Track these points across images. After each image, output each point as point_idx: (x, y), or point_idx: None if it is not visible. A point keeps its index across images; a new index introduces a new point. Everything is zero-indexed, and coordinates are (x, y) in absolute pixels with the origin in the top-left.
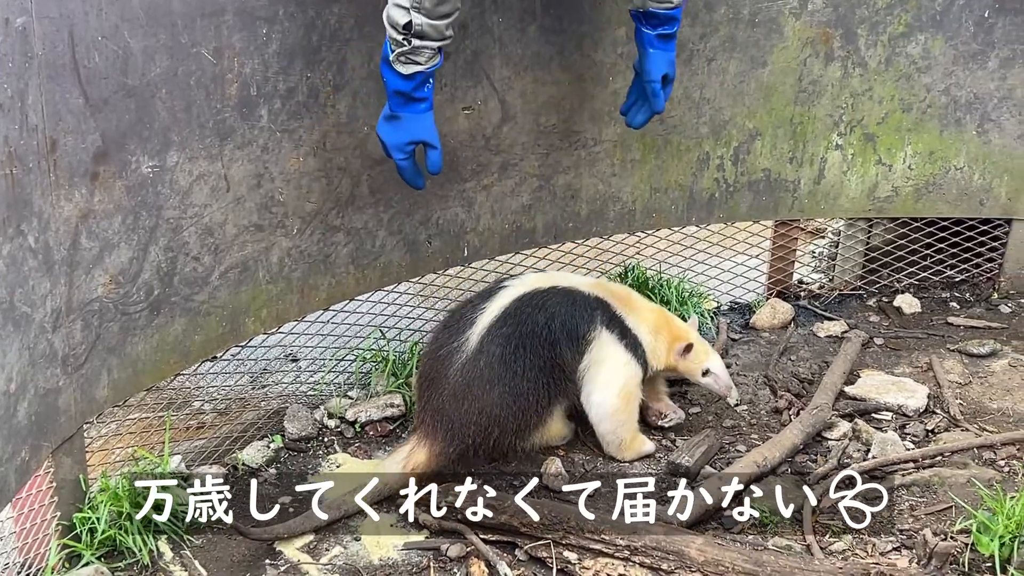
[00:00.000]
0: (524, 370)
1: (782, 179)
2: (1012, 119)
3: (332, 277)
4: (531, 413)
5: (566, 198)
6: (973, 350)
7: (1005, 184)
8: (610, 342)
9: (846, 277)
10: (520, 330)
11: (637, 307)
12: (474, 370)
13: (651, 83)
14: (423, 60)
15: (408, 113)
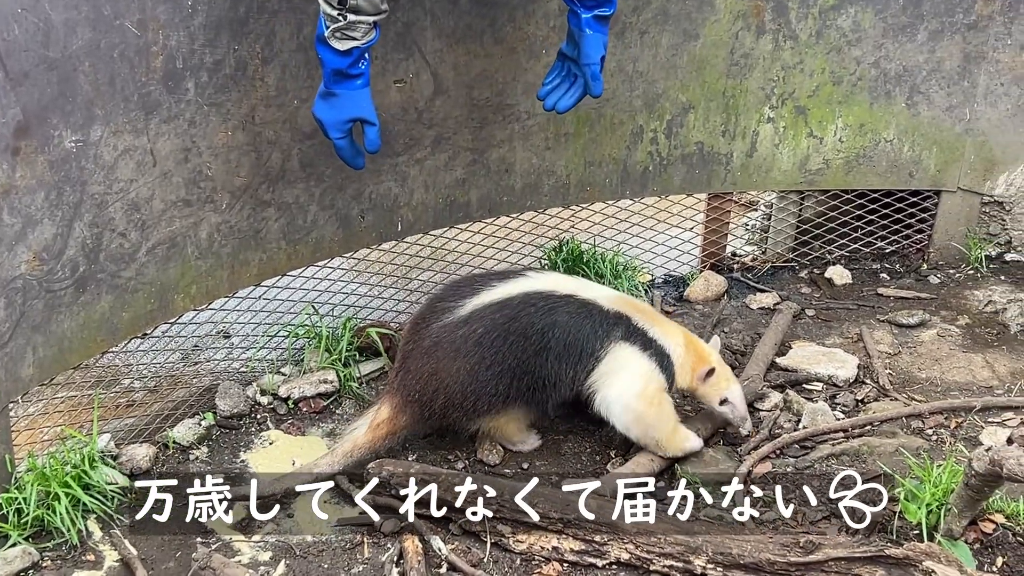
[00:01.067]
0: (493, 361)
1: (715, 152)
2: (941, 91)
3: (263, 252)
4: (481, 402)
5: (500, 172)
6: (902, 320)
7: (934, 156)
8: (630, 353)
9: (778, 249)
10: (512, 325)
11: (663, 322)
12: (451, 336)
13: (590, 66)
14: (359, 35)
15: (344, 90)
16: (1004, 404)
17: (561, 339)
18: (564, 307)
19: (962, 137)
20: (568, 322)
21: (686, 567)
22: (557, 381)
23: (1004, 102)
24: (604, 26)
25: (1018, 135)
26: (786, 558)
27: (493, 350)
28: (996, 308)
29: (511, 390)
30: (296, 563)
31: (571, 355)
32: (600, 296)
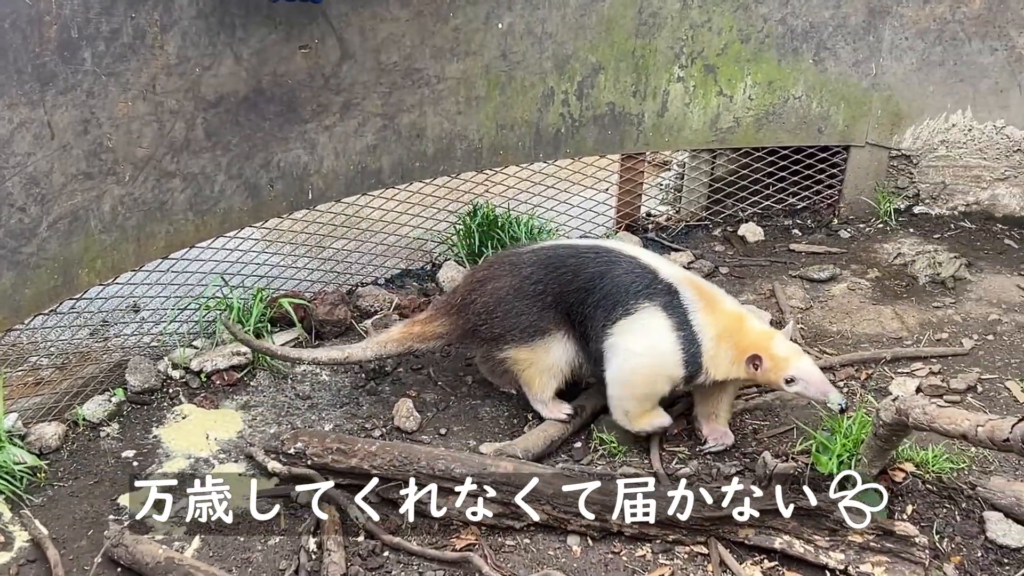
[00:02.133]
0: (536, 284)
1: (626, 113)
2: (847, 47)
3: (170, 224)
4: (513, 322)
5: (412, 137)
6: (813, 275)
7: (842, 112)
8: (659, 323)
9: (692, 208)
10: (569, 261)
11: (714, 310)
12: (511, 259)
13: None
14: None
15: None
16: (913, 355)
17: (606, 288)
18: (623, 263)
19: (869, 92)
20: (619, 275)
21: (603, 525)
22: (588, 327)
23: (909, 56)
24: None
25: (923, 89)
26: (701, 513)
27: (542, 274)
28: (905, 260)
29: (544, 320)
30: (212, 537)
31: (608, 303)
32: (662, 266)
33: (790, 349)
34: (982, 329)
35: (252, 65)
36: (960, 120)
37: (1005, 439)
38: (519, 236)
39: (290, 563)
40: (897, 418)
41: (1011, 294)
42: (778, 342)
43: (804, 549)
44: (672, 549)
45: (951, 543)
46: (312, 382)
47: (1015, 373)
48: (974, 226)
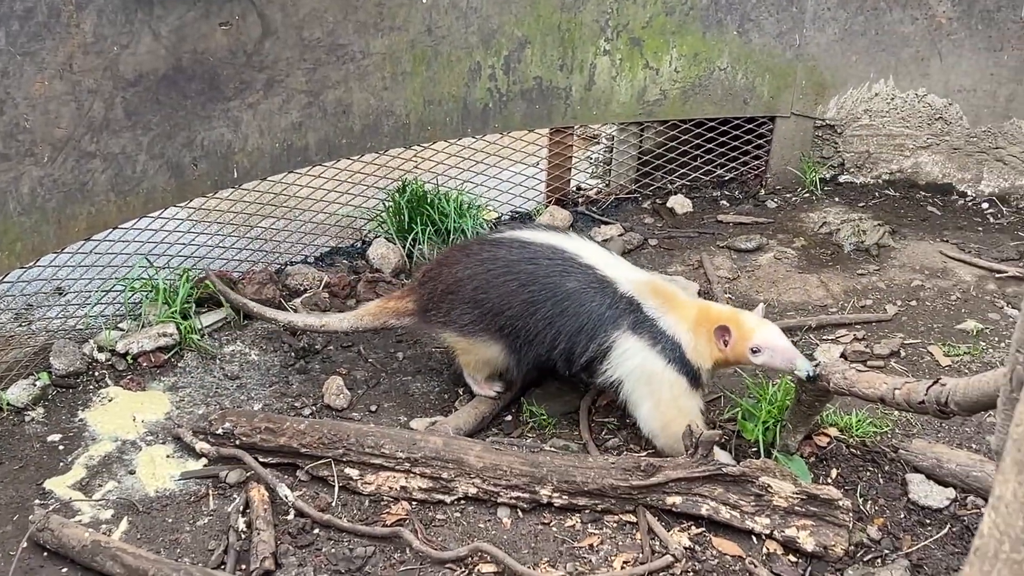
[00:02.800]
0: (484, 280)
1: (554, 87)
2: (771, 18)
3: (91, 206)
4: (458, 311)
5: (337, 114)
6: (741, 245)
7: (767, 83)
8: (644, 352)
9: (621, 181)
10: (522, 266)
11: (678, 304)
12: (476, 247)
13: None
14: None
15: None
16: (838, 321)
17: (569, 310)
18: (579, 275)
19: (793, 63)
20: (582, 293)
21: (532, 497)
22: (536, 340)
23: (832, 26)
24: None
25: (846, 58)
26: (628, 482)
27: (492, 274)
28: (830, 229)
29: (486, 320)
30: (139, 519)
31: (574, 328)
32: (619, 275)
33: (756, 320)
34: (905, 295)
35: (171, 43)
36: (883, 89)
37: (920, 401)
38: (448, 212)
39: (219, 543)
40: (819, 383)
41: (933, 260)
42: (744, 315)
43: (730, 515)
44: (601, 519)
45: (874, 505)
46: (241, 362)
47: (937, 337)
48: (898, 194)
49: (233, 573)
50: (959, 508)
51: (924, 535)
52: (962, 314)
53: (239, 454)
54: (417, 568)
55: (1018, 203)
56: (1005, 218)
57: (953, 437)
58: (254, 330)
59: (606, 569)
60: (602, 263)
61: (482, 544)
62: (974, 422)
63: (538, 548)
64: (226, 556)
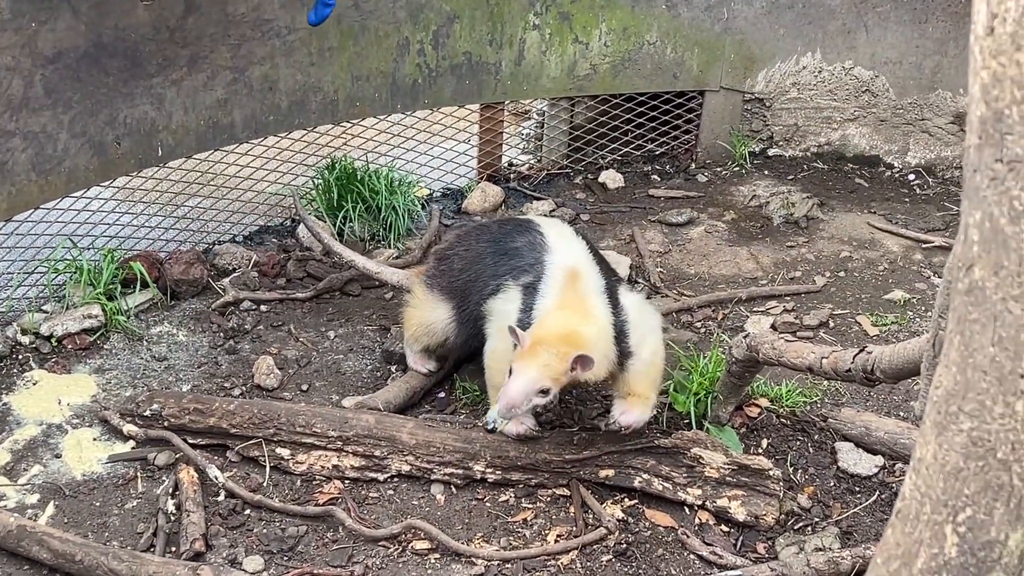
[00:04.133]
0: (469, 249)
1: (484, 62)
2: None
3: (12, 186)
4: (432, 273)
5: (264, 90)
6: (672, 219)
7: (696, 57)
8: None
9: (553, 157)
10: (505, 241)
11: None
12: (479, 226)
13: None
14: None
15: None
16: (768, 293)
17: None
18: (531, 246)
19: (721, 37)
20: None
21: (466, 473)
22: (473, 293)
23: (759, 0)
24: None
25: (774, 32)
26: (562, 456)
27: (475, 240)
28: (760, 202)
29: (449, 275)
30: (66, 503)
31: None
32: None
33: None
34: (834, 266)
35: (91, 19)
36: (810, 62)
37: (847, 370)
38: (379, 189)
39: (148, 526)
40: (748, 354)
41: (861, 231)
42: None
43: (663, 487)
44: (535, 493)
45: (805, 474)
46: (169, 343)
47: (865, 308)
48: (826, 166)
49: (163, 555)
50: (887, 475)
51: (853, 502)
52: (889, 284)
53: (167, 436)
54: (350, 546)
55: (944, 174)
56: (931, 189)
57: (881, 406)
58: (182, 311)
59: (540, 543)
60: (561, 248)
61: (415, 521)
62: (901, 390)
63: (472, 524)
64: (155, 539)
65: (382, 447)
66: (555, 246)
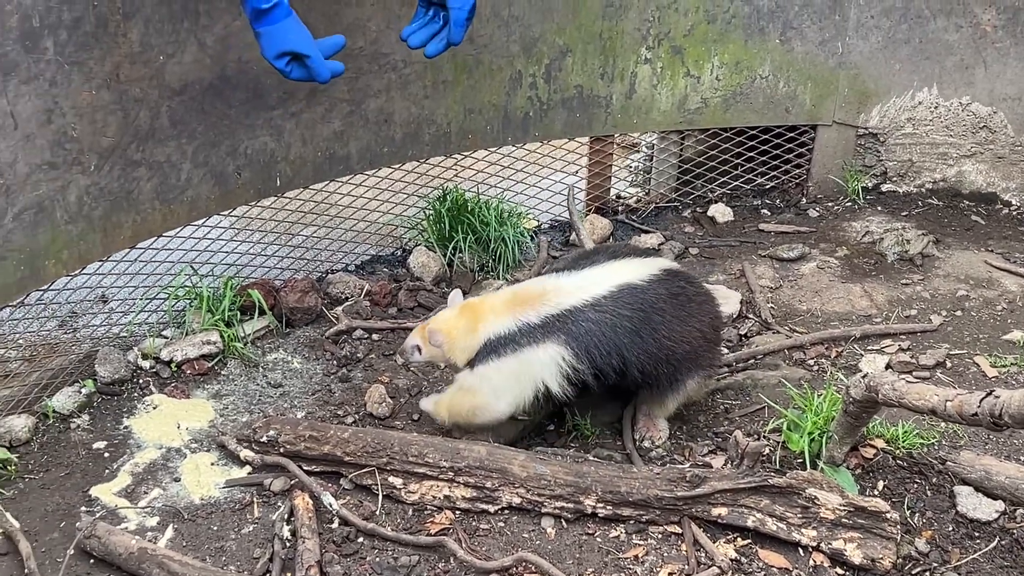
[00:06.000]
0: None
1: (595, 95)
2: (813, 26)
3: (137, 214)
4: None
5: (379, 122)
6: (783, 255)
7: (809, 91)
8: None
9: (661, 190)
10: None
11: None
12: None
13: (458, 10)
14: None
15: (265, 27)
16: (882, 332)
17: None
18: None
19: (835, 71)
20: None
21: (577, 507)
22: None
23: (875, 35)
24: None
25: (889, 67)
26: (673, 493)
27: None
28: (873, 238)
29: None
30: (184, 527)
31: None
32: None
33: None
34: (950, 305)
35: (216, 52)
36: (926, 98)
37: (973, 413)
38: (489, 220)
39: (264, 551)
40: (867, 395)
41: (978, 270)
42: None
43: (777, 527)
44: (646, 529)
45: (922, 518)
46: (283, 370)
47: (983, 348)
48: (941, 203)
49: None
50: (1008, 521)
51: (973, 548)
52: (1008, 324)
53: (283, 462)
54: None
55: None
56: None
57: (1001, 449)
58: (296, 338)
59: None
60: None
61: (526, 554)
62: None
63: (582, 559)
64: (271, 564)
65: (493, 478)
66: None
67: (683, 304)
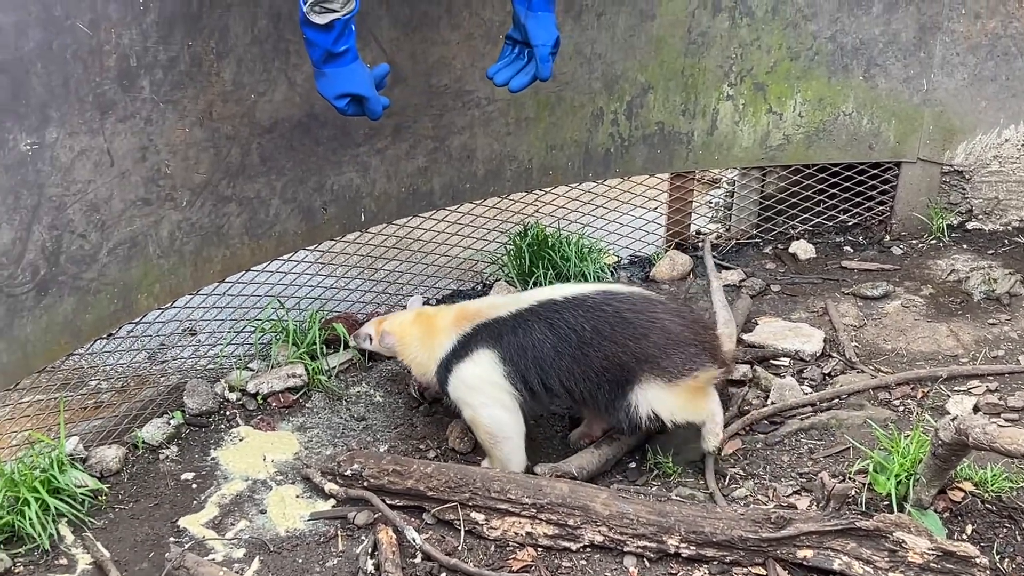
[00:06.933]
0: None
1: (676, 131)
2: (898, 63)
3: (226, 248)
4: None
5: (462, 159)
6: (867, 293)
7: (893, 128)
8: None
9: (742, 226)
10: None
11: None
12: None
13: (540, 47)
14: (338, 6)
15: (333, 69)
16: (969, 373)
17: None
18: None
19: (920, 108)
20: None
21: (659, 547)
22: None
23: (960, 72)
24: (552, 4)
25: (975, 104)
26: (758, 534)
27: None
28: (959, 277)
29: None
30: (270, 559)
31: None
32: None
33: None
34: None
35: (306, 90)
36: (1013, 135)
37: None
38: (569, 256)
39: None
40: (957, 438)
41: None
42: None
43: (863, 570)
44: (730, 571)
45: (1012, 563)
46: (367, 403)
47: None
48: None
49: None
50: None
51: None
52: None
53: (367, 496)
54: None
55: None
56: None
57: None
58: (379, 372)
59: None
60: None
61: None
62: None
63: None
64: None
65: (575, 516)
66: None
67: (615, 324)
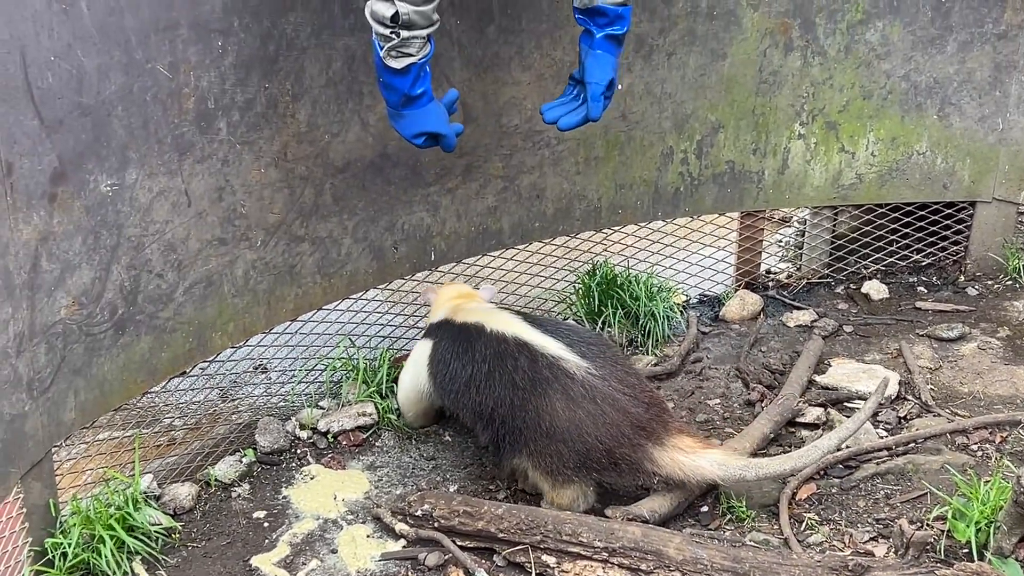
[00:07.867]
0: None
1: (746, 170)
2: (972, 102)
3: (299, 287)
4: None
5: (531, 198)
6: (942, 334)
7: (968, 167)
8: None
9: (813, 265)
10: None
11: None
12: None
13: (592, 85)
14: (414, 51)
15: (411, 111)
16: None
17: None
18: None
19: (995, 147)
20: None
21: None
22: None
23: None
24: (615, 47)
25: None
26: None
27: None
28: None
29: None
30: None
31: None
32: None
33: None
34: None
35: (378, 131)
36: None
37: None
38: (638, 295)
39: None
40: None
41: None
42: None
43: None
44: None
45: None
46: (436, 443)
47: None
48: None
49: None
50: None
51: None
52: None
53: (438, 536)
54: None
55: None
56: None
57: None
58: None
59: None
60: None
61: None
62: None
63: None
64: None
65: (648, 561)
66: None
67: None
